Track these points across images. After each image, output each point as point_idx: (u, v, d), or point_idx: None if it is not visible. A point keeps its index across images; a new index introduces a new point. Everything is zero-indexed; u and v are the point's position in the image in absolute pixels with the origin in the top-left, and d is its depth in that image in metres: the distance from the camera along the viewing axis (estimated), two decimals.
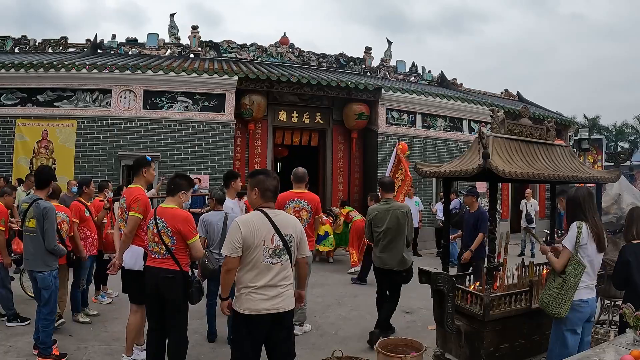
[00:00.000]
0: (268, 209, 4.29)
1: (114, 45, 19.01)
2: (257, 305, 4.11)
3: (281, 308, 4.18)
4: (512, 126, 5.90)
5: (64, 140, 14.40)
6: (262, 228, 4.17)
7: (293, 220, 4.42)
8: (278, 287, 4.17)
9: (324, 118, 17.85)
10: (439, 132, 18.45)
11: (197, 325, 7.20)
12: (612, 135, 45.61)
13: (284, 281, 4.23)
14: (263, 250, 4.13)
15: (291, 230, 4.28)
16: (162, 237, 5.22)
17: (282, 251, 4.20)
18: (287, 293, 4.25)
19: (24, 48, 18.99)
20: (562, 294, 4.59)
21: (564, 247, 4.66)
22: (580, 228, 4.61)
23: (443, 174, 6.04)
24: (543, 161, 5.97)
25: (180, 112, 15.18)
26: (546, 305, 4.71)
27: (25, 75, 14.29)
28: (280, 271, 4.20)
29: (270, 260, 4.15)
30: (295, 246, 4.30)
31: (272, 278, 4.15)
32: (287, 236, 4.23)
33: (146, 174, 6.16)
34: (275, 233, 4.18)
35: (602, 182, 6.63)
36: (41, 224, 6.01)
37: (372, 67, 21.92)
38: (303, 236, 4.42)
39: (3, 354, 6.28)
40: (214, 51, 19.45)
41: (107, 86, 14.77)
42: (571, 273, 4.57)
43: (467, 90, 23.32)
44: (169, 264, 5.24)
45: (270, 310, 4.12)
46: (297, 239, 4.33)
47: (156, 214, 5.34)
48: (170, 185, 5.54)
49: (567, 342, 4.66)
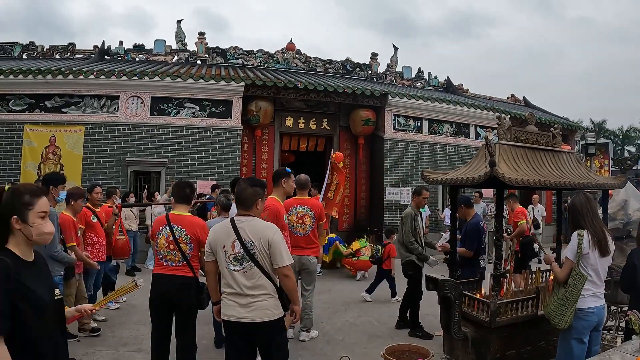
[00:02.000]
0: (238, 216, 4.30)
1: (122, 51, 19.08)
2: (228, 311, 4.17)
3: (250, 318, 4.11)
4: (519, 133, 5.93)
5: (71, 146, 14.47)
6: (222, 234, 4.23)
7: (261, 227, 4.24)
8: (247, 296, 4.11)
9: (331, 124, 17.87)
10: (446, 137, 18.43)
11: (204, 330, 7.22)
12: (618, 140, 45.52)
13: (254, 290, 4.12)
14: (224, 256, 4.16)
15: (253, 236, 4.14)
16: (180, 245, 5.25)
17: (244, 258, 4.12)
18: (258, 304, 4.12)
19: (31, 54, 19.09)
20: (564, 305, 4.61)
21: (566, 258, 4.67)
22: (582, 238, 4.61)
23: (450, 181, 6.07)
24: (549, 168, 5.99)
25: (188, 118, 15.22)
26: (549, 316, 4.74)
27: (33, 81, 14.38)
28: (247, 279, 4.13)
29: (232, 267, 4.14)
30: (259, 254, 4.13)
31: (239, 285, 4.12)
32: (248, 242, 4.12)
33: (285, 185, 6.47)
34: (237, 239, 4.14)
35: (608, 188, 6.65)
36: None
37: (378, 73, 21.92)
38: (274, 244, 4.14)
39: None
40: (221, 57, 19.49)
41: (114, 92, 14.85)
42: (572, 284, 4.58)
43: (474, 96, 23.30)
44: (184, 271, 5.29)
45: (240, 319, 4.11)
46: (261, 246, 4.13)
47: (170, 221, 5.35)
48: (185, 193, 5.56)
49: (573, 351, 4.66)
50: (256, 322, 4.10)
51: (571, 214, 4.88)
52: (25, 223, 2.71)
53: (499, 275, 5.53)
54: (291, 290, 4.29)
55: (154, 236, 5.49)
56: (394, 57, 22.53)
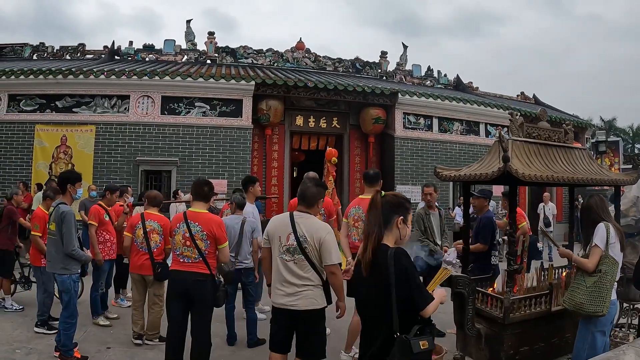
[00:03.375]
0: (297, 212, 4.62)
1: (131, 51, 19.15)
2: (277, 300, 4.52)
3: (296, 306, 4.43)
4: (531, 129, 5.89)
5: (82, 145, 14.56)
6: (281, 225, 4.58)
7: (316, 226, 4.54)
8: (295, 285, 4.44)
9: (341, 123, 17.89)
10: (456, 135, 18.43)
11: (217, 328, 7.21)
12: (629, 138, 45.29)
13: (302, 280, 4.45)
14: (278, 245, 4.52)
15: (307, 233, 4.46)
16: (196, 241, 5.31)
17: (296, 250, 4.44)
18: (304, 293, 4.45)
19: (41, 55, 19.22)
20: (601, 292, 4.57)
21: (595, 246, 4.66)
22: (609, 227, 4.65)
23: (462, 177, 6.04)
24: (562, 164, 5.95)
25: (198, 117, 15.30)
26: (582, 305, 4.65)
27: (44, 82, 14.49)
28: (296, 269, 4.45)
29: (285, 257, 4.48)
30: (310, 249, 4.43)
31: (288, 275, 4.46)
32: (302, 237, 4.44)
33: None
34: (292, 232, 4.47)
35: (621, 184, 6.60)
36: (60, 228, 6.06)
37: (387, 72, 21.89)
38: (325, 244, 4.44)
39: (25, 355, 6.37)
40: (230, 57, 19.52)
41: (125, 92, 14.95)
42: (608, 270, 4.58)
43: (483, 94, 23.22)
44: (200, 268, 5.34)
45: (287, 306, 4.45)
46: (313, 243, 4.44)
47: (187, 218, 5.41)
48: (203, 191, 5.61)
49: (597, 343, 4.61)
50: (302, 310, 4.44)
51: (587, 212, 4.90)
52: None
53: (512, 271, 5.51)
54: (338, 287, 4.59)
55: (171, 233, 5.55)
56: (404, 55, 22.50)
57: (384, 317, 3.15)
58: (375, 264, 3.22)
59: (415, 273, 3.24)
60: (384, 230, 3.29)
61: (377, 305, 3.21)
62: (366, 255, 3.24)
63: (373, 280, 3.22)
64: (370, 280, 3.24)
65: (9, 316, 8.16)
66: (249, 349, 6.83)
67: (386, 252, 3.20)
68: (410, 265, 3.22)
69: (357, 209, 6.77)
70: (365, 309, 3.39)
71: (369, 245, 3.25)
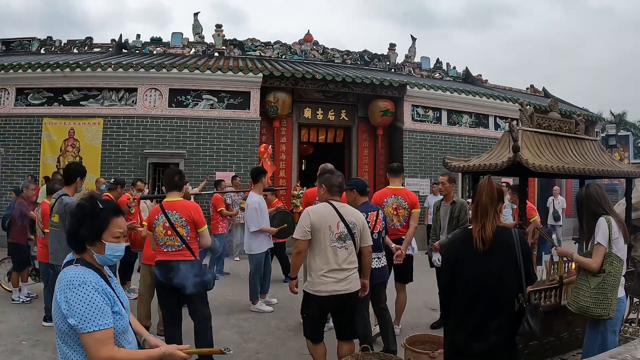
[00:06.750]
0: (334, 202, 4.96)
1: (139, 44, 19.13)
2: (328, 288, 4.74)
3: (348, 290, 4.80)
4: (541, 120, 5.83)
5: (90, 138, 14.55)
6: (328, 216, 4.82)
7: (355, 212, 5.06)
8: (345, 270, 4.79)
9: (349, 115, 17.79)
10: (465, 128, 18.31)
11: None
12: (639, 132, 45.00)
13: (350, 264, 4.85)
14: (329, 234, 4.77)
15: (354, 219, 4.90)
16: (177, 229, 5.43)
17: (347, 236, 4.81)
18: (353, 276, 4.87)
19: (49, 49, 19.18)
20: (605, 293, 4.33)
21: (598, 244, 4.41)
22: (610, 222, 4.41)
23: (472, 168, 5.98)
24: (572, 155, 5.88)
25: (206, 109, 15.23)
26: (587, 309, 4.40)
27: (52, 75, 14.48)
28: (347, 255, 4.82)
29: (337, 244, 4.78)
30: (358, 233, 4.89)
31: (339, 261, 4.77)
32: (351, 223, 4.84)
33: (403, 178, 7.38)
34: (340, 220, 4.81)
35: (632, 176, 6.51)
36: (64, 220, 6.04)
37: (396, 64, 21.77)
38: (365, 226, 5.01)
39: (31, 347, 6.39)
40: (238, 49, 19.46)
41: (132, 85, 14.92)
42: (612, 270, 4.34)
43: (493, 86, 23.07)
44: (185, 255, 5.49)
45: (340, 292, 4.75)
46: (360, 227, 4.92)
47: (164, 208, 5.53)
48: (174, 180, 5.73)
49: (607, 345, 4.35)
50: (352, 292, 4.86)
51: (587, 203, 4.66)
52: None
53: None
54: (368, 265, 5.15)
55: (151, 226, 5.62)
56: (412, 47, 22.37)
57: (505, 292, 3.40)
58: (498, 242, 3.42)
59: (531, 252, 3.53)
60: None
61: (500, 280, 3.40)
62: (487, 232, 3.39)
63: (497, 257, 3.41)
64: (493, 257, 3.41)
65: (17, 308, 8.23)
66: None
67: (510, 231, 3.52)
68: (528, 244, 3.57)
69: (394, 198, 7.06)
70: (483, 284, 3.44)
71: (487, 223, 3.42)
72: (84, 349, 2.46)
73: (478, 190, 3.56)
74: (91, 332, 2.41)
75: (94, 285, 2.50)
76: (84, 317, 2.41)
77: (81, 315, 2.41)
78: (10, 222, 8.96)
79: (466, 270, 3.49)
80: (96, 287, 2.50)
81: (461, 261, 3.53)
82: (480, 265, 3.42)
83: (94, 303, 2.45)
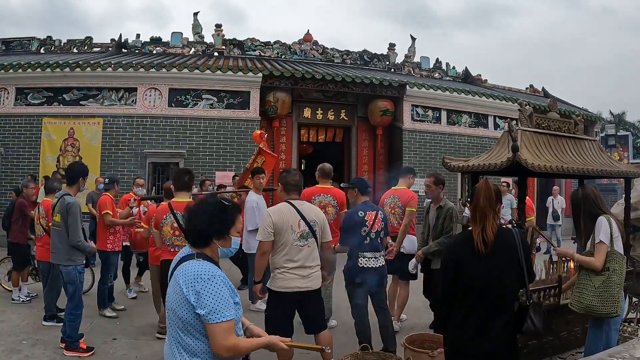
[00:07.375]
0: (294, 201, 5.05)
1: (139, 44, 19.12)
2: (290, 284, 4.86)
3: (310, 287, 4.95)
4: (540, 120, 5.83)
5: (90, 138, 14.55)
6: (289, 215, 4.90)
7: (315, 209, 5.25)
8: (308, 267, 4.92)
9: (349, 115, 17.80)
10: (464, 128, 18.32)
11: None
12: (638, 132, 45.02)
13: (313, 262, 4.99)
14: (292, 234, 4.86)
15: (314, 216, 5.04)
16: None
17: (308, 234, 4.95)
18: (315, 274, 5.02)
19: (49, 48, 19.17)
20: (611, 291, 4.36)
21: (600, 242, 4.42)
22: (610, 221, 4.45)
23: (471, 168, 5.98)
24: (571, 155, 5.88)
25: (205, 109, 15.25)
26: (594, 308, 4.42)
27: (51, 75, 14.49)
28: (309, 253, 4.95)
29: (299, 243, 4.89)
30: (319, 230, 5.04)
31: (302, 259, 4.89)
32: (312, 222, 4.98)
33: (411, 179, 7.65)
34: (301, 219, 4.92)
35: (631, 176, 6.51)
36: (65, 219, 6.06)
37: (396, 64, 21.77)
38: (325, 223, 5.20)
39: (31, 346, 6.39)
40: (238, 49, 19.47)
41: (132, 84, 14.93)
42: (617, 268, 4.38)
43: (492, 86, 23.07)
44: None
45: (302, 288, 4.88)
46: (321, 224, 5.09)
47: (172, 208, 5.64)
48: (184, 180, 5.81)
49: (612, 343, 4.39)
50: (314, 289, 5.00)
51: (584, 204, 4.67)
52: None
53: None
54: (329, 260, 5.46)
55: (158, 225, 5.61)
56: (412, 47, 22.37)
57: (506, 292, 3.46)
58: (500, 243, 3.44)
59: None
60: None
61: (500, 281, 3.41)
62: (488, 234, 3.39)
63: (498, 257, 3.42)
64: (495, 258, 3.41)
65: (17, 308, 8.23)
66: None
67: (511, 231, 3.58)
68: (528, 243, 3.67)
69: (392, 198, 7.44)
70: (485, 285, 3.44)
71: (487, 225, 3.42)
72: (209, 338, 2.63)
73: (475, 193, 3.58)
74: (219, 322, 2.60)
75: (222, 279, 2.71)
76: (213, 309, 2.59)
77: (211, 306, 2.59)
78: (11, 221, 8.96)
79: (469, 271, 3.48)
80: (224, 281, 2.71)
81: (462, 263, 3.51)
82: (482, 266, 3.42)
83: (223, 296, 2.65)
